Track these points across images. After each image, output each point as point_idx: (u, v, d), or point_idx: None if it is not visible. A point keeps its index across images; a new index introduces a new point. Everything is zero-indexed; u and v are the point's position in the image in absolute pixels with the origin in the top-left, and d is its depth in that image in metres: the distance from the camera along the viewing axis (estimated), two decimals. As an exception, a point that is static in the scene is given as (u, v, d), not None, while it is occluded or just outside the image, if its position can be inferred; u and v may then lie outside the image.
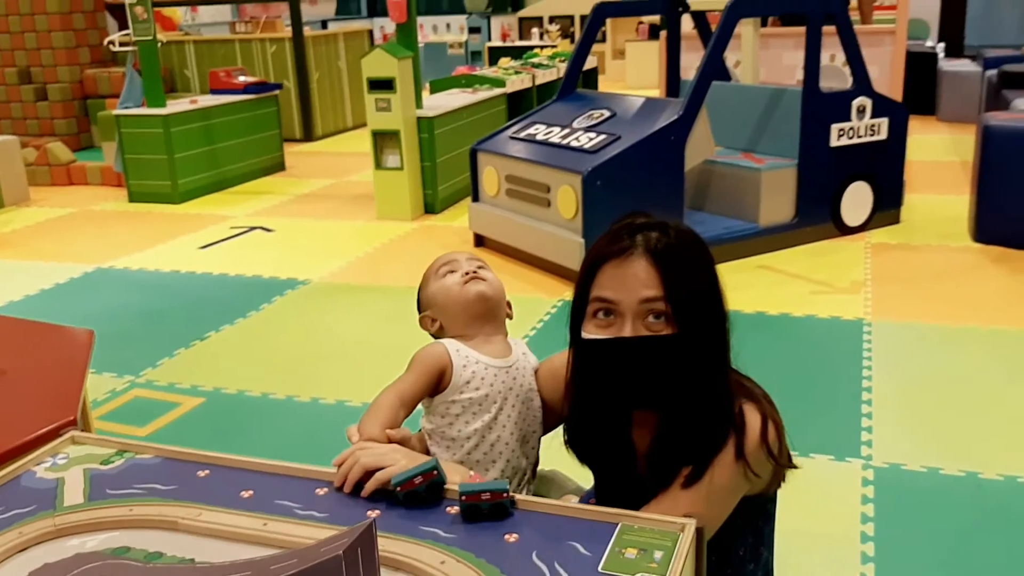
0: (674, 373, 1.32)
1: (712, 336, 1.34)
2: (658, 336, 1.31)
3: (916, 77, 7.62)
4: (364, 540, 1.04)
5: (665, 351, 1.32)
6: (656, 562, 1.15)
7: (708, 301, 1.34)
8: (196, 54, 8.39)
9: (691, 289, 1.31)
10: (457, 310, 1.59)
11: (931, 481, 2.37)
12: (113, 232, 5.34)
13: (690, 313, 1.31)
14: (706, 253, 1.36)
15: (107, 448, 1.54)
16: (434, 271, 1.65)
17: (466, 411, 1.55)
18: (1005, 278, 3.86)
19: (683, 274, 1.31)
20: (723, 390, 1.35)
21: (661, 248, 1.31)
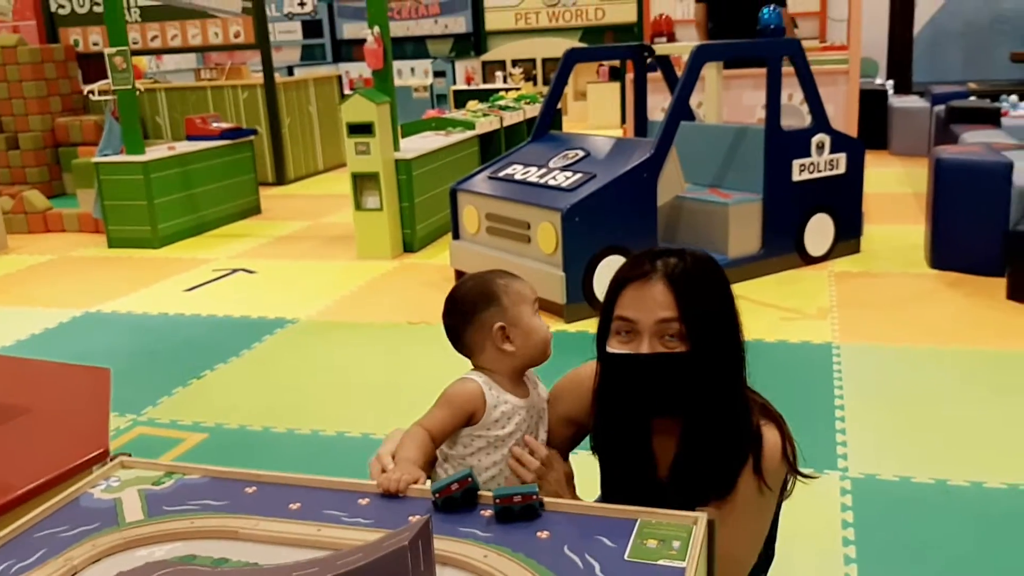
0: (687, 386, 1.48)
1: (725, 354, 1.48)
2: (671, 353, 1.47)
3: (868, 113, 7.97)
4: (423, 534, 1.18)
5: (677, 367, 1.47)
6: (675, 550, 1.30)
7: (721, 322, 1.48)
8: (168, 101, 8.51)
9: (704, 311, 1.46)
10: (535, 349, 1.65)
11: (904, 489, 2.54)
12: (96, 277, 5.41)
13: (703, 333, 1.46)
14: (721, 278, 1.51)
15: (155, 471, 1.66)
16: (530, 301, 1.66)
17: (489, 445, 1.65)
18: (960, 301, 4.10)
19: (697, 297, 1.46)
20: (738, 405, 1.50)
21: (678, 273, 1.47)
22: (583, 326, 3.94)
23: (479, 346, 1.65)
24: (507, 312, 1.63)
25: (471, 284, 1.67)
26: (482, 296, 1.64)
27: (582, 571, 1.26)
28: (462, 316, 1.66)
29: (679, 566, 1.26)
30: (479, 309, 1.64)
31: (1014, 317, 3.85)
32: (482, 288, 1.65)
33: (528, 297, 1.65)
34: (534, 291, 1.69)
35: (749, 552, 1.55)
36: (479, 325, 1.64)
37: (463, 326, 1.67)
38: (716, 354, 1.48)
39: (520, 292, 1.65)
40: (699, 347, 1.46)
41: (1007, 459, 2.67)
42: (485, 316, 1.64)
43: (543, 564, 1.27)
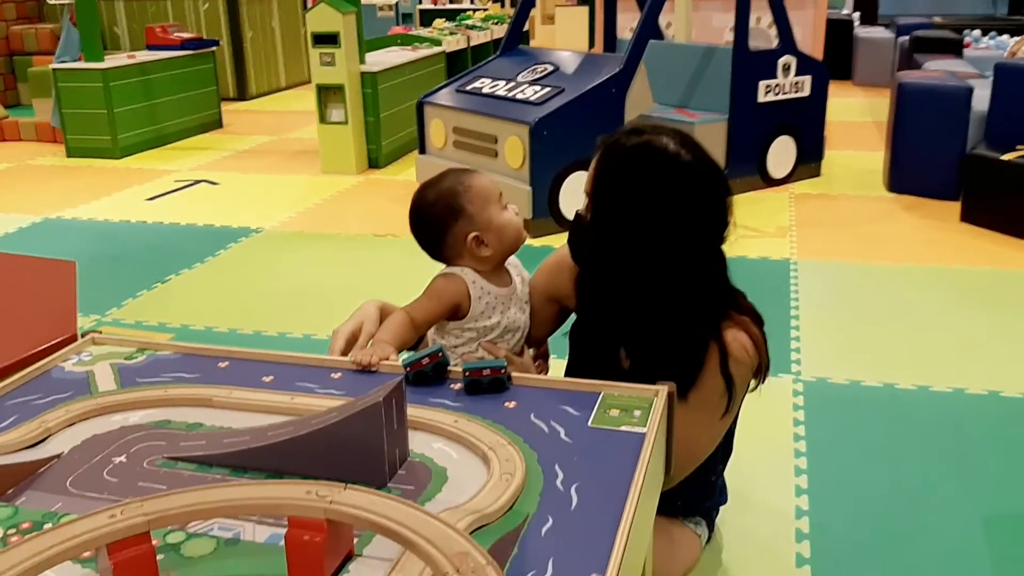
0: (586, 253, 1.56)
1: (630, 231, 1.47)
2: (578, 215, 1.55)
3: (833, 43, 7.98)
4: (396, 394, 1.22)
5: (575, 229, 1.56)
6: (636, 418, 1.36)
7: (626, 208, 1.47)
8: (127, 11, 8.26)
9: (612, 187, 1.49)
10: (511, 244, 1.68)
11: (854, 391, 2.65)
12: (55, 185, 5.32)
13: (601, 209, 1.50)
14: (654, 169, 1.46)
15: (127, 348, 1.68)
16: (494, 198, 1.66)
17: (478, 335, 1.70)
18: (916, 222, 4.20)
19: (613, 176, 1.49)
20: (674, 297, 1.50)
21: (607, 148, 1.51)
22: (549, 241, 3.98)
23: (457, 255, 1.68)
24: (476, 219, 1.64)
25: (432, 197, 1.67)
26: (447, 210, 1.65)
27: (547, 435, 1.32)
28: (432, 233, 1.68)
29: (640, 431, 1.32)
30: (447, 224, 1.65)
31: (967, 237, 3.96)
32: (446, 201, 1.65)
33: (492, 194, 1.66)
34: (495, 183, 1.70)
35: (706, 446, 1.61)
36: (452, 239, 1.66)
37: (435, 243, 1.69)
38: (618, 228, 1.48)
39: (483, 193, 1.66)
40: (596, 221, 1.51)
41: (954, 366, 2.78)
42: (455, 230, 1.65)
43: (510, 428, 1.33)
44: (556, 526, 1.10)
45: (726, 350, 1.51)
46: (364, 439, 1.20)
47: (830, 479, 2.19)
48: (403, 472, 1.23)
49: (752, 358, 1.54)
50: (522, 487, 1.18)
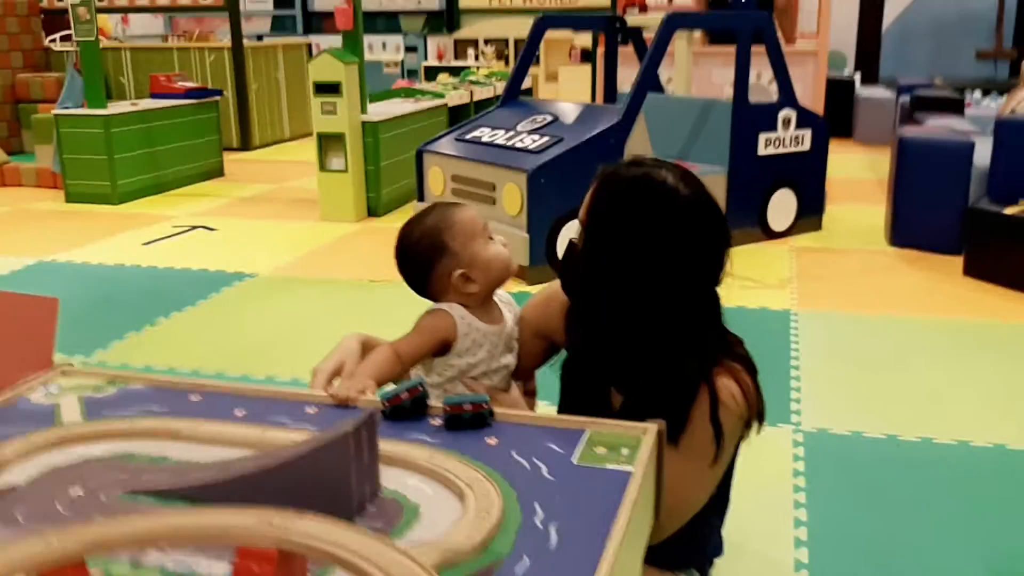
0: (582, 286, 1.51)
1: (621, 265, 1.43)
2: (572, 243, 1.50)
3: (835, 102, 8.04)
4: (367, 425, 1.16)
5: (568, 257, 1.50)
6: (623, 456, 1.29)
7: (627, 236, 1.42)
8: (133, 61, 8.35)
9: (604, 218, 1.44)
10: (498, 278, 1.63)
11: (855, 442, 2.57)
12: (52, 229, 5.30)
13: (596, 239, 1.45)
14: (652, 201, 1.42)
15: (97, 379, 1.62)
16: (479, 231, 1.62)
17: (461, 373, 1.64)
18: (918, 275, 4.15)
19: (609, 205, 1.44)
20: (664, 336, 1.45)
21: (604, 177, 1.47)
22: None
23: (443, 292, 1.64)
24: (460, 256, 1.60)
25: (416, 235, 1.63)
26: (431, 248, 1.61)
27: (529, 472, 1.25)
28: (417, 272, 1.64)
29: (627, 469, 1.25)
30: (433, 262, 1.61)
31: (970, 291, 3.90)
32: (430, 238, 1.61)
33: (477, 228, 1.61)
34: (479, 217, 1.64)
35: (696, 496, 1.53)
36: (437, 277, 1.62)
37: (421, 281, 1.65)
38: (610, 259, 1.44)
39: (466, 228, 1.61)
40: (589, 250, 1.46)
41: (957, 418, 2.71)
42: (440, 267, 1.61)
43: (489, 465, 1.26)
44: (533, 567, 1.03)
45: (716, 396, 1.45)
46: (331, 472, 1.13)
47: (830, 531, 2.11)
48: (372, 508, 1.16)
49: (741, 407, 1.46)
50: (498, 525, 1.11)
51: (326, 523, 0.89)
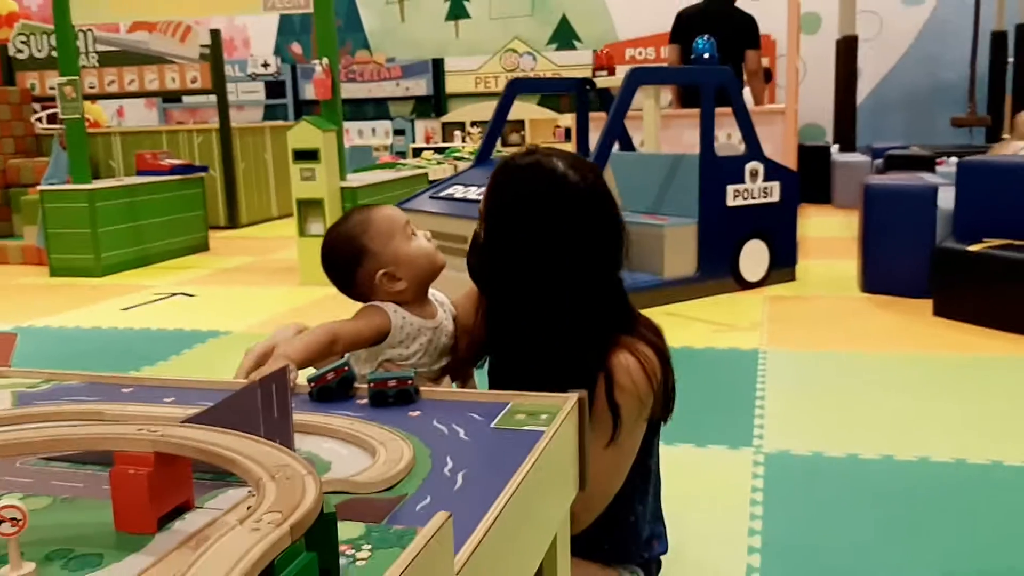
0: (479, 268, 1.54)
1: (518, 254, 1.47)
2: (475, 233, 1.54)
3: (813, 168, 8.21)
4: (277, 378, 1.17)
5: (472, 250, 1.55)
6: (541, 420, 1.30)
7: (517, 224, 1.46)
8: (123, 144, 8.53)
9: (500, 206, 1.49)
10: (428, 275, 1.65)
11: (815, 461, 2.55)
12: (34, 299, 5.34)
13: (494, 225, 1.49)
14: (544, 187, 1.46)
15: (35, 379, 1.64)
16: (399, 228, 1.63)
17: (392, 363, 1.65)
18: (888, 317, 4.17)
19: (504, 193, 1.50)
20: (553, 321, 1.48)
21: (499, 167, 1.53)
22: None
23: (373, 294, 1.65)
24: (381, 256, 1.62)
25: (336, 242, 1.66)
26: (351, 251, 1.63)
27: (446, 435, 1.26)
28: (343, 276, 1.67)
29: (539, 430, 1.26)
30: (355, 265, 1.63)
31: (939, 329, 3.92)
32: (349, 243, 1.64)
33: (396, 225, 1.63)
34: (398, 212, 1.67)
35: (607, 478, 1.51)
36: (361, 279, 1.64)
37: (348, 285, 1.68)
38: (506, 249, 1.48)
39: (384, 227, 1.63)
40: (490, 238, 1.51)
41: (919, 437, 2.70)
42: (363, 270, 1.63)
43: (408, 431, 1.27)
44: (432, 503, 1.03)
45: (611, 376, 1.46)
46: (238, 425, 1.13)
47: (784, 540, 2.08)
48: (281, 461, 1.16)
49: (640, 386, 1.46)
50: (406, 471, 1.11)
51: (207, 430, 0.90)
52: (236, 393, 1.13)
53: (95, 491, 1.00)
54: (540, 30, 11.66)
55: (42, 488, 1.02)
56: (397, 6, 12.22)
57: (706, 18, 6.13)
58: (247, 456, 0.83)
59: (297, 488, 0.74)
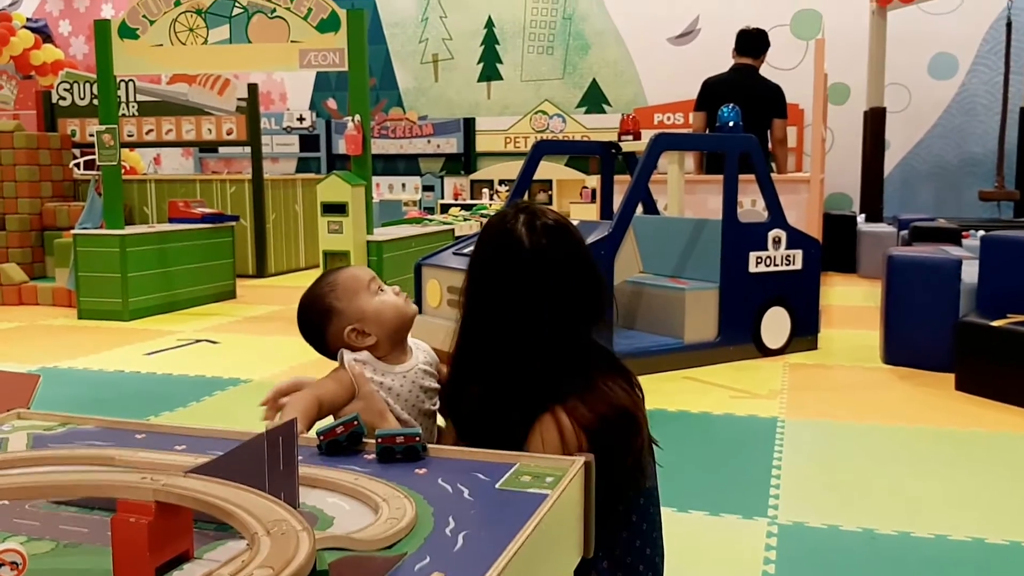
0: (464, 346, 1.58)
1: (491, 321, 1.53)
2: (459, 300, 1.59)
3: (838, 237, 8.21)
4: (285, 431, 1.19)
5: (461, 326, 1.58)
6: (546, 483, 1.31)
7: (495, 294, 1.52)
8: (157, 191, 8.70)
9: (479, 281, 1.55)
10: (398, 326, 1.70)
11: (831, 535, 2.51)
12: (60, 341, 5.42)
13: (473, 298, 1.55)
14: (500, 248, 1.52)
15: (51, 421, 1.66)
16: (363, 286, 1.70)
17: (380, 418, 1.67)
18: (911, 389, 4.13)
19: (479, 269, 1.55)
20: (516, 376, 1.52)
21: (480, 236, 1.59)
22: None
23: (347, 348, 1.71)
24: (346, 313, 1.69)
25: (305, 305, 1.76)
26: (319, 313, 1.71)
27: (451, 495, 1.27)
28: (315, 337, 1.75)
29: (544, 493, 1.26)
30: (323, 327, 1.71)
31: (960, 404, 3.87)
32: (316, 304, 1.72)
33: (360, 283, 1.69)
34: (363, 270, 1.73)
35: None
36: (332, 339, 1.71)
37: (322, 345, 1.75)
38: (481, 320, 1.55)
39: (349, 285, 1.70)
40: (472, 303, 1.57)
41: (938, 514, 2.65)
42: (332, 330, 1.71)
43: (414, 489, 1.27)
44: (431, 563, 1.03)
45: (526, 439, 1.50)
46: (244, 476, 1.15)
47: (795, 614, 2.04)
48: (284, 513, 1.17)
49: (549, 451, 1.47)
50: (408, 530, 1.12)
51: (210, 481, 0.91)
52: (243, 444, 1.15)
53: (99, 537, 1.02)
54: (570, 93, 11.83)
55: (48, 532, 1.04)
56: (432, 66, 12.46)
57: (731, 87, 6.21)
58: (245, 509, 0.84)
59: (291, 544, 0.75)
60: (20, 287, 6.85)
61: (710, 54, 9.35)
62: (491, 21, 12.06)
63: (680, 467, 2.83)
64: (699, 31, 10.97)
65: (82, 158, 6.60)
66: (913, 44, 9.99)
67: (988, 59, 10.12)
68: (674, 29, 11.09)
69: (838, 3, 10.38)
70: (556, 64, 11.88)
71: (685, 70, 10.23)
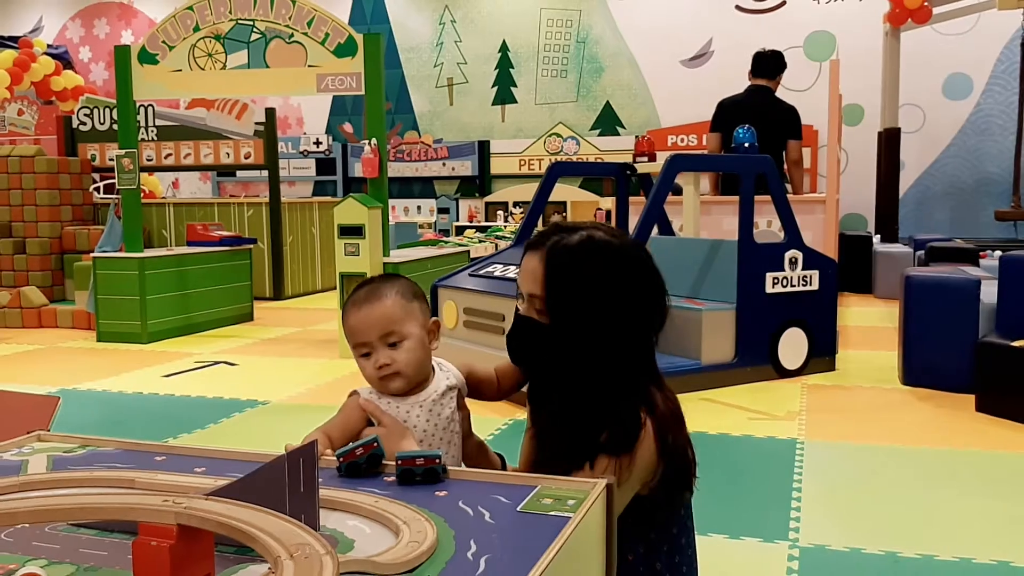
0: (548, 358, 1.54)
1: (586, 335, 1.50)
2: (528, 318, 1.54)
3: (854, 258, 8.17)
4: (306, 453, 1.19)
5: (533, 333, 1.54)
6: (568, 506, 1.30)
7: (589, 306, 1.50)
8: (175, 214, 8.77)
9: (568, 292, 1.50)
10: (377, 387, 1.67)
11: (853, 558, 2.48)
12: (79, 363, 5.45)
13: (564, 311, 1.50)
14: (603, 262, 1.51)
15: (71, 443, 1.67)
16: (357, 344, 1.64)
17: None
18: (930, 411, 4.09)
19: (565, 276, 1.50)
20: (600, 389, 1.51)
21: (553, 250, 1.52)
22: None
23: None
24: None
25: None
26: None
27: (472, 518, 1.26)
28: None
29: (566, 516, 1.25)
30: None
31: (982, 425, 3.83)
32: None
33: (355, 340, 1.63)
34: (353, 330, 1.64)
35: None
36: None
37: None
38: (575, 332, 1.50)
39: (349, 337, 1.66)
40: (557, 323, 1.52)
41: (962, 538, 2.61)
42: None
43: (433, 511, 1.27)
44: (454, 587, 1.03)
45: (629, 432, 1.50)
46: (264, 498, 1.15)
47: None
48: (305, 536, 1.16)
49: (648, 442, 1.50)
50: (429, 554, 1.11)
51: (232, 504, 0.91)
52: (264, 467, 1.15)
53: (119, 560, 1.02)
54: (584, 116, 11.88)
55: (68, 555, 1.04)
56: (447, 90, 12.54)
57: (747, 108, 6.21)
58: (267, 532, 0.84)
59: (314, 568, 0.75)
60: (40, 310, 6.90)
61: (723, 76, 9.40)
62: (505, 45, 12.14)
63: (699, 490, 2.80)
64: (712, 53, 11.01)
65: (102, 182, 6.66)
66: (927, 65, 9.98)
67: (1003, 79, 10.10)
68: (687, 51, 11.13)
69: (852, 25, 10.41)
70: (570, 87, 11.93)
71: (698, 92, 10.28)
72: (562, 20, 11.91)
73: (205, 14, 5.80)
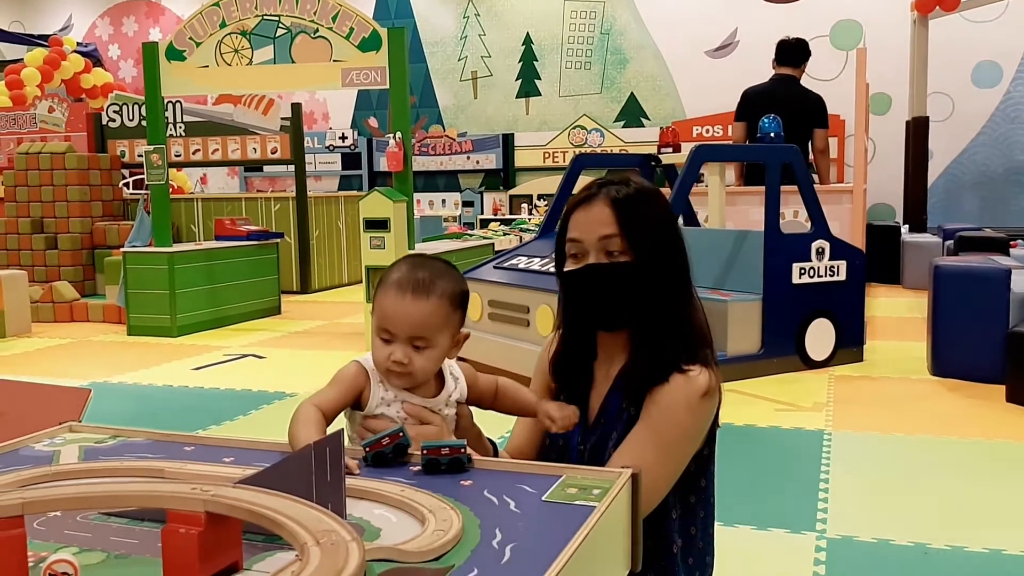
0: (631, 293, 1.55)
1: (666, 266, 1.59)
2: (612, 262, 1.54)
3: (882, 248, 8.09)
4: (333, 443, 1.20)
5: (620, 274, 1.54)
6: (593, 495, 1.30)
7: (662, 238, 1.59)
8: (203, 209, 8.85)
9: (644, 225, 1.56)
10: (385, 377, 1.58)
11: (882, 549, 2.47)
12: (110, 357, 5.53)
13: (643, 245, 1.54)
14: (662, 202, 1.64)
15: (102, 434, 1.69)
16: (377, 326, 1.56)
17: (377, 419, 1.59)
18: (959, 402, 4.05)
19: (637, 213, 1.55)
20: (684, 313, 1.61)
21: (618, 194, 1.56)
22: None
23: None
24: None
25: None
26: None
27: (497, 507, 1.27)
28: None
29: (591, 505, 1.26)
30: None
31: (1012, 415, 3.79)
32: None
33: (377, 321, 1.56)
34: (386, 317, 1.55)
35: (653, 482, 1.53)
36: None
37: None
38: (658, 264, 1.57)
39: (376, 316, 1.58)
40: (641, 257, 1.54)
41: (992, 528, 2.59)
42: None
43: (459, 501, 1.28)
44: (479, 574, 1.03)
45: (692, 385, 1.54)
46: (291, 486, 1.16)
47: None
48: (333, 525, 1.17)
49: (711, 403, 1.57)
50: (454, 542, 1.12)
51: (259, 492, 0.92)
52: (290, 456, 1.16)
53: (149, 548, 1.03)
54: (608, 108, 11.83)
55: (99, 543, 1.06)
56: (471, 84, 12.54)
57: (772, 97, 6.16)
58: (295, 520, 0.85)
59: (341, 555, 0.76)
60: (72, 304, 7.00)
61: (748, 67, 9.31)
62: (529, 38, 12.11)
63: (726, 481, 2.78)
64: (737, 43, 10.92)
65: (131, 178, 6.73)
66: (956, 53, 9.84)
67: (1034, 66, 9.95)
68: (712, 42, 11.05)
69: (878, 13, 10.28)
70: (594, 79, 11.89)
71: (723, 83, 10.19)
72: (586, 12, 11.86)
73: (231, 10, 5.84)
